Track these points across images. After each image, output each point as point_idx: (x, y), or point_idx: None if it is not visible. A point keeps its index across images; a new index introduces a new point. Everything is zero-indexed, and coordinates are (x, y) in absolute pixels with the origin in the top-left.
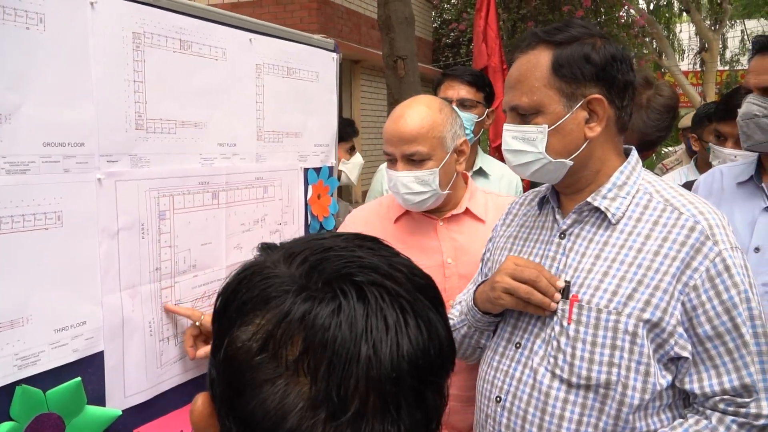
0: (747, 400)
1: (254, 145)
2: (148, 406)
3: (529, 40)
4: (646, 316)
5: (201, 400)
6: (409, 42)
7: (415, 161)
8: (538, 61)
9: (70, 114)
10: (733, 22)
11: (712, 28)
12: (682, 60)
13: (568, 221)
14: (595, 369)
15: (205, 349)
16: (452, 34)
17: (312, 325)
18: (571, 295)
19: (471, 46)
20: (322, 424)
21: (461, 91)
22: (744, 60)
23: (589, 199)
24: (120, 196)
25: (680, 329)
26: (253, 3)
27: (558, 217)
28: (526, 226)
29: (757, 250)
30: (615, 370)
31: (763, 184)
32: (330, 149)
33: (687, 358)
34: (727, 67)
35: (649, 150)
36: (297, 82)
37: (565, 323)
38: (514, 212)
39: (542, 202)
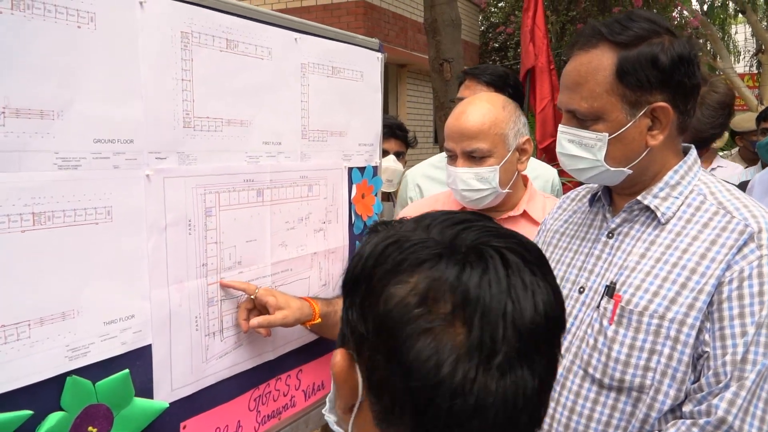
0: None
1: (299, 144)
2: (194, 400)
3: (590, 36)
4: (690, 320)
5: (340, 355)
6: (455, 45)
7: (475, 158)
8: (601, 63)
9: (119, 111)
10: None
11: None
12: (738, 62)
13: (618, 220)
14: (630, 372)
15: (258, 320)
16: (499, 37)
17: (465, 283)
18: (614, 294)
19: (518, 50)
20: (476, 368)
21: (478, 91)
22: None
23: (639, 197)
24: (168, 192)
25: (707, 323)
26: (300, 9)
27: (608, 215)
28: (574, 223)
29: None
30: (650, 374)
31: None
32: (374, 149)
33: (707, 353)
34: None
35: (703, 147)
36: (341, 82)
37: (605, 323)
38: (564, 206)
39: (593, 199)
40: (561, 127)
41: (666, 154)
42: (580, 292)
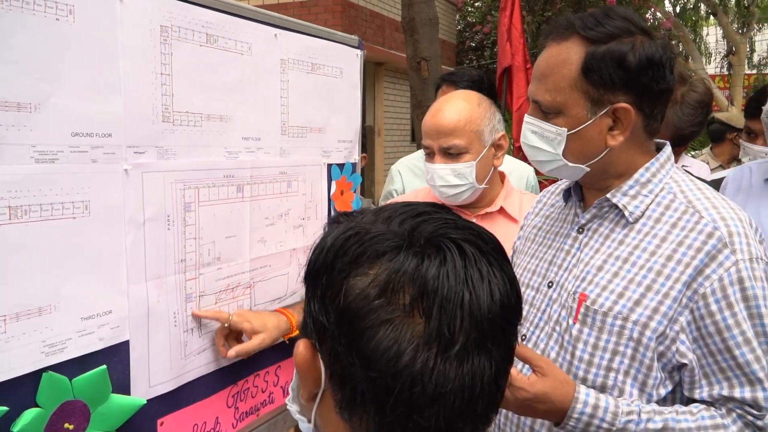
0: (756, 413)
1: (278, 140)
2: (172, 396)
3: (563, 28)
4: (653, 324)
5: (303, 345)
6: (432, 44)
7: (452, 154)
8: (569, 57)
9: (98, 105)
10: (761, 26)
11: (740, 31)
12: (709, 63)
13: (588, 216)
14: (593, 371)
15: (236, 349)
16: (476, 36)
17: (423, 275)
18: (579, 294)
19: (495, 49)
20: (434, 357)
21: None
22: None
23: (608, 195)
24: (146, 187)
25: (683, 336)
26: (277, 6)
27: (579, 211)
28: (550, 218)
29: None
30: (612, 374)
31: None
32: (353, 145)
33: (685, 365)
34: (754, 71)
35: (682, 145)
36: (321, 78)
37: (570, 321)
38: (544, 200)
39: (568, 194)
40: (526, 117)
41: (631, 154)
42: (549, 287)
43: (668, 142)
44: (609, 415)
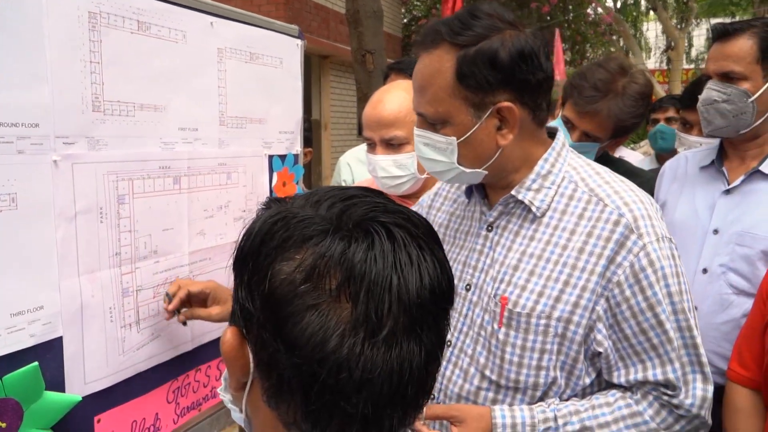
0: (670, 392)
1: (217, 131)
2: (109, 393)
3: (431, 36)
4: (576, 318)
5: (230, 332)
6: (377, 37)
7: (393, 145)
8: (442, 66)
9: (23, 95)
10: (699, 21)
11: (679, 26)
12: (649, 58)
13: (495, 213)
14: (524, 372)
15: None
16: (421, 29)
17: (350, 259)
18: (500, 297)
19: None
20: (361, 342)
21: None
22: None
23: (513, 192)
24: (77, 179)
25: (599, 324)
26: None
27: (485, 209)
28: (456, 215)
29: (715, 232)
30: (543, 372)
31: (723, 168)
32: (295, 137)
33: (602, 353)
34: (692, 66)
35: (623, 136)
36: (260, 68)
37: (495, 326)
38: (444, 194)
39: (470, 190)
40: (416, 131)
41: (525, 147)
42: (467, 290)
43: (560, 129)
44: (528, 428)
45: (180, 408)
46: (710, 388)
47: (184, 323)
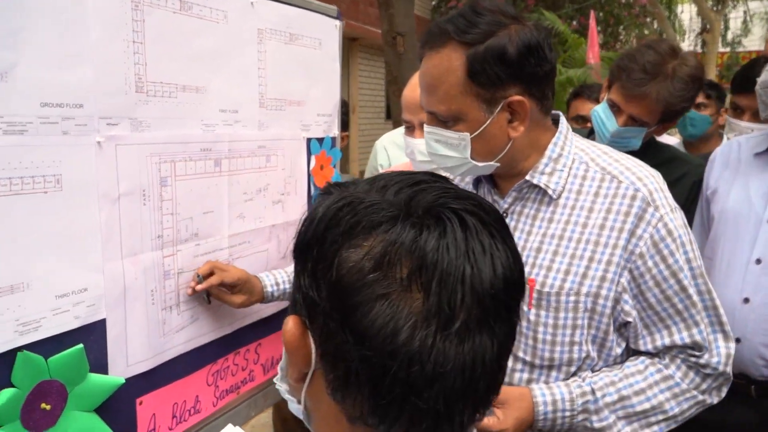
0: (697, 353)
1: (257, 113)
2: (150, 375)
3: (437, 35)
4: (604, 291)
5: (292, 322)
6: (408, 18)
7: None
8: (451, 65)
9: (68, 75)
10: (735, 3)
11: (715, 8)
12: (683, 41)
13: (509, 200)
14: (558, 350)
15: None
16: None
17: (422, 247)
18: (527, 279)
19: None
20: (433, 335)
21: None
22: (746, 42)
23: (527, 177)
24: (120, 160)
25: (626, 296)
26: None
27: (496, 197)
28: None
29: None
30: (576, 347)
31: None
32: (332, 119)
33: (630, 323)
34: (728, 49)
35: (671, 121)
36: (299, 49)
37: (525, 308)
38: None
39: (477, 182)
40: (426, 128)
41: (534, 136)
42: None
43: (561, 113)
44: (567, 404)
45: (219, 391)
46: (732, 345)
47: (209, 302)
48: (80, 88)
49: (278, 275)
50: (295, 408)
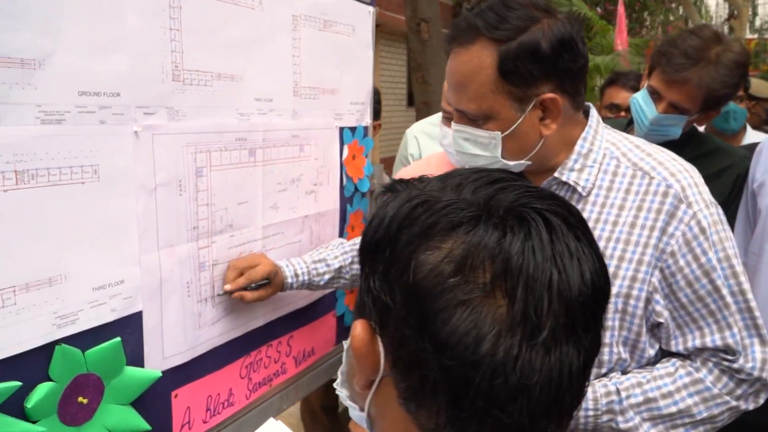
0: (730, 357)
1: (291, 101)
2: (185, 368)
3: (466, 31)
4: (635, 292)
5: (360, 326)
6: (432, 4)
7: None
8: (482, 62)
9: (105, 62)
10: None
11: None
12: None
13: None
14: None
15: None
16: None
17: (506, 250)
18: None
19: None
20: (518, 344)
21: None
22: None
23: (556, 174)
24: (157, 150)
25: (657, 296)
26: None
27: None
28: None
29: None
30: (606, 349)
31: None
32: (365, 108)
33: (662, 324)
34: (756, 36)
35: (714, 109)
36: (333, 36)
37: None
38: None
39: None
40: (454, 126)
41: (565, 132)
42: None
43: (592, 105)
44: (591, 403)
45: (252, 383)
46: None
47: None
48: (117, 77)
49: (297, 266)
50: (357, 416)
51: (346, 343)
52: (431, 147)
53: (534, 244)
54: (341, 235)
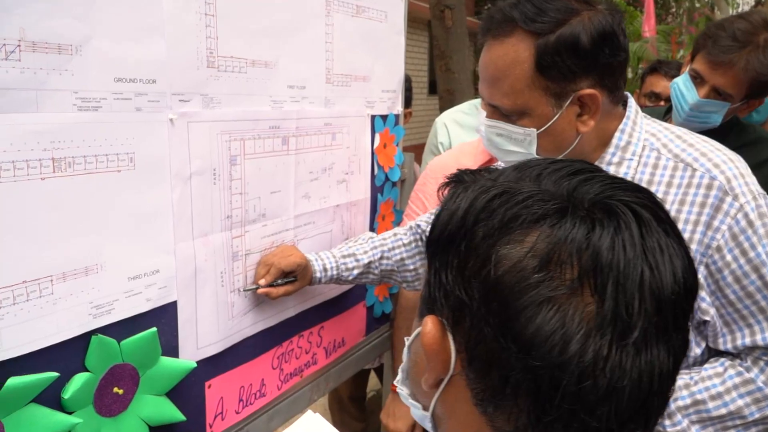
0: None
1: (323, 89)
2: (219, 358)
3: (502, 23)
4: None
5: (431, 323)
6: None
7: None
8: (518, 56)
9: (141, 49)
10: None
11: None
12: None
13: None
14: None
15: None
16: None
17: (596, 245)
18: None
19: None
20: (608, 345)
21: None
22: None
23: None
24: (192, 138)
25: (702, 293)
26: None
27: None
28: None
29: None
30: None
31: None
32: (397, 96)
33: (708, 322)
34: None
35: (758, 98)
36: (366, 22)
37: None
38: None
39: None
40: (487, 122)
41: (602, 127)
42: None
43: (629, 94)
44: None
45: (284, 374)
46: None
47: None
48: (153, 63)
49: (326, 260)
50: (420, 415)
51: (408, 340)
52: (461, 135)
53: (624, 239)
54: (372, 224)
